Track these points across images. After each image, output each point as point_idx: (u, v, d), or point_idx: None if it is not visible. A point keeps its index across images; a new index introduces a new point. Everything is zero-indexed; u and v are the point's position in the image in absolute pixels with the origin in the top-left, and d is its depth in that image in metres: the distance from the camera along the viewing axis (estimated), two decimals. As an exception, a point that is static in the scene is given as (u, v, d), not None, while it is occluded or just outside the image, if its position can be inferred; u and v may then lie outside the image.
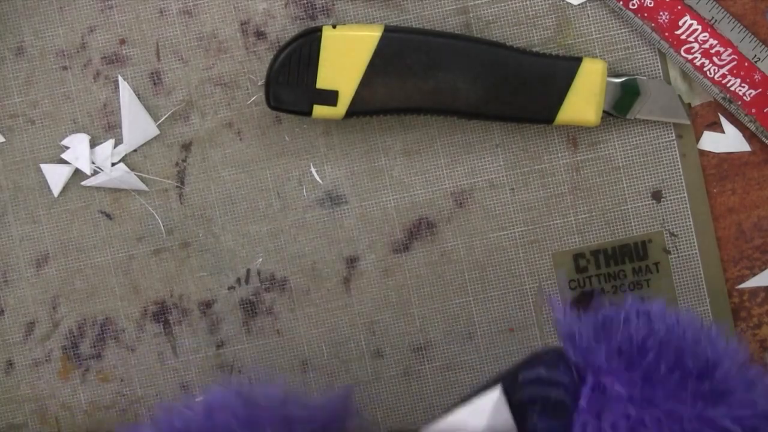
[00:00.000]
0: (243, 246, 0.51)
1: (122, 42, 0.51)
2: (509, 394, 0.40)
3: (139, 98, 0.51)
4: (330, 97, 0.48)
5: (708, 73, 0.49)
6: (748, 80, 0.49)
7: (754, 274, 0.51)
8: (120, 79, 0.51)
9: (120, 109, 0.51)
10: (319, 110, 0.48)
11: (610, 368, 0.39)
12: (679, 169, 0.51)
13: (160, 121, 0.51)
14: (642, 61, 0.50)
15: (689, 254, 0.51)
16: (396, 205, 0.51)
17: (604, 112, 0.49)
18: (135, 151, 0.51)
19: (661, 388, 0.39)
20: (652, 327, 0.40)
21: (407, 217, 0.51)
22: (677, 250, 0.51)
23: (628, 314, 0.41)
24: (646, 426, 0.38)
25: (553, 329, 0.51)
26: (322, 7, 0.50)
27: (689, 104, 0.51)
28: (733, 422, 0.38)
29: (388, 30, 0.48)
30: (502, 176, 0.51)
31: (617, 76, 0.49)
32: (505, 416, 0.39)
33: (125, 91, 0.51)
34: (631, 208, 0.51)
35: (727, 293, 0.51)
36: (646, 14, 0.49)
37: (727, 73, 0.49)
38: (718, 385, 0.39)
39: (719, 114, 0.51)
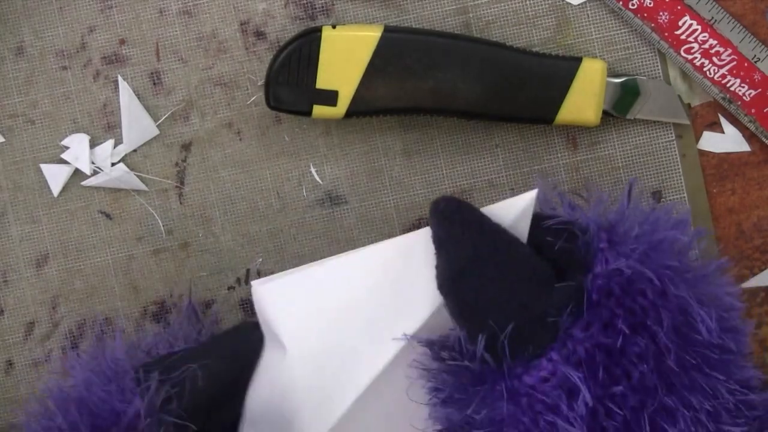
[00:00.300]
0: (243, 246, 0.51)
1: (122, 42, 0.51)
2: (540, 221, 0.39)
3: (139, 98, 0.51)
4: (330, 97, 0.48)
5: (708, 73, 0.49)
6: (747, 80, 0.49)
7: (754, 274, 0.51)
8: (120, 79, 0.51)
9: (120, 109, 0.51)
10: (319, 110, 0.48)
11: (620, 235, 0.38)
12: (678, 169, 0.51)
13: (159, 121, 0.51)
14: (642, 61, 0.50)
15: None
16: (396, 205, 0.51)
17: (603, 112, 0.49)
18: (135, 151, 0.51)
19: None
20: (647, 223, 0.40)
21: (407, 217, 0.51)
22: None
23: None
24: (647, 296, 0.37)
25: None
26: (322, 7, 0.50)
27: (689, 104, 0.51)
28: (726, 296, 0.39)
29: (388, 30, 0.48)
30: (502, 176, 0.51)
31: (617, 76, 0.49)
32: (525, 223, 0.39)
33: (125, 91, 0.51)
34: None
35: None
36: (645, 14, 0.49)
37: (726, 73, 0.49)
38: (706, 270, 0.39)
39: (719, 114, 0.51)
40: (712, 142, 0.51)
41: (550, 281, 0.37)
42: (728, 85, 0.49)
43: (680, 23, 0.49)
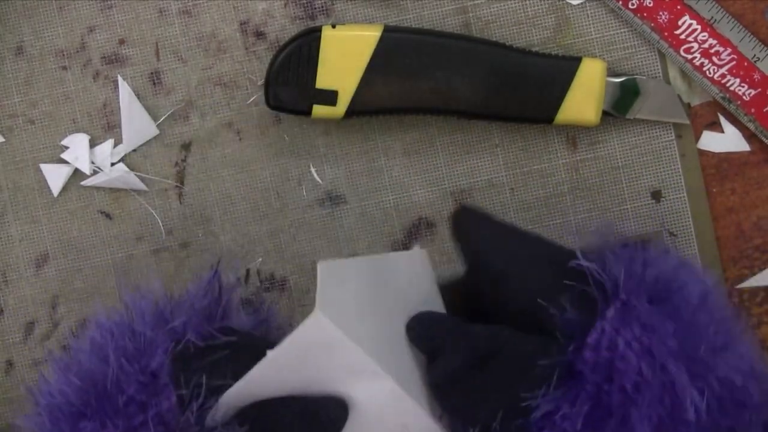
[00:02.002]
0: (243, 246, 0.51)
1: (122, 42, 0.51)
2: (554, 269, 0.39)
3: (138, 98, 0.51)
4: (329, 97, 0.48)
5: (707, 72, 0.49)
6: (747, 80, 0.49)
7: (754, 274, 0.51)
8: (120, 79, 0.51)
9: (119, 109, 0.51)
10: (319, 110, 0.48)
11: (638, 292, 0.38)
12: (678, 168, 0.51)
13: (159, 121, 0.51)
14: (641, 61, 0.50)
15: (689, 254, 0.51)
16: (396, 204, 0.51)
17: (603, 111, 0.49)
18: (134, 151, 0.51)
19: (679, 331, 0.38)
20: (678, 274, 0.40)
21: (407, 217, 0.51)
22: (677, 249, 0.51)
23: (656, 258, 0.41)
24: (653, 356, 0.38)
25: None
26: (322, 7, 0.50)
27: (689, 104, 0.51)
28: (732, 371, 0.39)
29: (388, 30, 0.48)
30: (502, 176, 0.51)
31: (617, 75, 0.49)
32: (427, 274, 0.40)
33: (125, 91, 0.51)
34: (631, 207, 0.51)
35: (726, 293, 0.51)
36: (645, 14, 0.49)
37: (726, 72, 0.49)
38: (724, 338, 0.39)
39: (719, 114, 0.51)
40: (712, 141, 0.51)
41: (538, 378, 0.38)
42: (728, 84, 0.49)
43: (680, 23, 0.49)
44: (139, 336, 0.40)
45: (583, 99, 0.48)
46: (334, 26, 0.48)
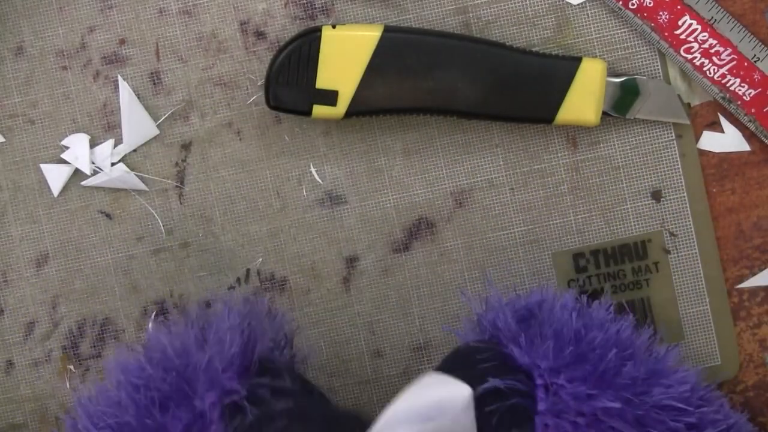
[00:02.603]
0: (243, 246, 0.51)
1: (122, 42, 0.51)
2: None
3: (138, 98, 0.51)
4: (330, 97, 0.48)
5: (707, 72, 0.49)
6: (747, 80, 0.49)
7: (754, 274, 0.51)
8: (120, 79, 0.51)
9: (120, 109, 0.51)
10: (319, 110, 0.48)
11: (558, 367, 0.39)
12: (678, 168, 0.51)
13: (159, 121, 0.51)
14: (641, 61, 0.50)
15: (689, 254, 0.51)
16: (396, 204, 0.51)
17: (603, 112, 0.49)
18: (135, 151, 0.51)
19: (608, 380, 0.39)
20: (586, 322, 0.41)
21: (407, 217, 0.51)
22: (677, 249, 0.51)
23: (559, 311, 0.42)
24: (600, 420, 0.38)
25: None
26: (322, 6, 0.50)
27: (689, 104, 0.51)
28: (674, 400, 0.39)
29: (388, 30, 0.48)
30: (502, 176, 0.51)
31: (617, 75, 0.50)
32: (469, 420, 0.37)
33: (125, 91, 0.51)
34: (631, 207, 0.51)
35: (726, 293, 0.51)
36: (645, 14, 0.49)
37: (726, 72, 0.49)
38: (653, 368, 0.40)
39: (719, 114, 0.51)
40: (712, 141, 0.51)
41: None
42: (728, 84, 0.49)
43: (680, 23, 0.49)
44: (187, 400, 0.37)
45: (583, 99, 0.48)
46: (334, 26, 0.48)
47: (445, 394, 0.37)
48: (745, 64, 0.49)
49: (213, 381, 0.37)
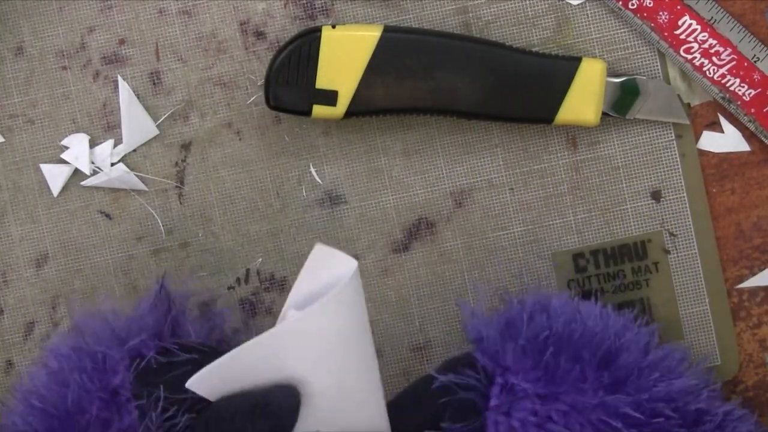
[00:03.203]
0: (242, 246, 0.51)
1: (122, 42, 0.51)
2: (423, 403, 0.42)
3: (138, 98, 0.51)
4: (329, 97, 0.48)
5: (707, 72, 0.49)
6: (747, 80, 0.49)
7: (754, 274, 0.51)
8: (119, 79, 0.51)
9: (119, 109, 0.51)
10: (319, 110, 0.48)
11: (516, 367, 0.41)
12: (678, 168, 0.51)
13: (159, 121, 0.51)
14: (641, 61, 0.50)
15: (688, 254, 0.51)
16: (395, 205, 0.51)
17: (603, 112, 0.49)
18: (134, 151, 0.51)
19: (564, 382, 0.40)
20: (551, 323, 0.42)
21: (407, 217, 0.51)
22: (677, 249, 0.51)
23: (531, 312, 0.43)
24: (553, 420, 0.39)
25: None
26: (322, 7, 0.50)
27: (689, 104, 0.51)
28: (632, 407, 0.40)
29: (388, 30, 0.48)
30: (502, 176, 0.51)
31: (617, 75, 0.49)
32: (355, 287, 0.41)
33: (125, 91, 0.51)
34: (631, 207, 0.51)
35: (726, 293, 0.51)
36: (645, 14, 0.49)
37: (726, 72, 0.49)
38: (618, 373, 0.41)
39: (719, 114, 0.51)
40: (712, 141, 0.51)
41: None
42: (728, 84, 0.49)
43: (680, 23, 0.49)
44: (97, 356, 0.42)
45: (583, 99, 0.48)
46: (334, 26, 0.48)
47: (334, 272, 0.41)
48: (745, 64, 0.49)
49: (121, 340, 0.42)
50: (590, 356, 0.41)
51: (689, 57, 0.49)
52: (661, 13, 0.49)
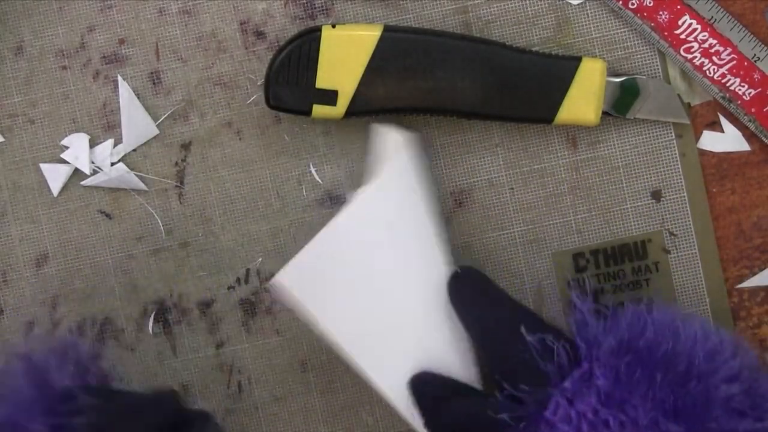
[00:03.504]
0: (242, 246, 0.51)
1: (122, 42, 0.51)
2: (509, 342, 0.42)
3: (138, 98, 0.51)
4: (329, 97, 0.48)
5: (707, 72, 0.49)
6: (747, 80, 0.49)
7: (754, 274, 0.51)
8: (119, 78, 0.51)
9: (119, 108, 0.51)
10: (319, 110, 0.48)
11: (604, 361, 0.40)
12: (678, 168, 0.51)
13: (159, 121, 0.51)
14: (641, 61, 0.50)
15: (689, 254, 0.51)
16: (395, 204, 0.51)
17: (603, 111, 0.49)
18: (134, 150, 0.51)
19: (636, 394, 0.39)
20: (647, 332, 0.41)
21: (407, 217, 0.51)
22: (677, 249, 0.51)
23: (633, 317, 0.42)
24: (609, 426, 0.39)
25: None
26: (322, 6, 0.50)
27: (689, 104, 0.51)
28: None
29: (388, 30, 0.48)
30: (502, 176, 0.51)
31: (617, 75, 0.49)
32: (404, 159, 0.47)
33: (124, 91, 0.51)
34: (631, 207, 0.51)
35: (726, 293, 0.51)
36: (645, 14, 0.49)
37: (726, 72, 0.49)
38: (685, 400, 0.40)
39: (719, 113, 0.51)
40: (712, 141, 0.51)
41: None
42: (728, 84, 0.49)
43: (680, 23, 0.49)
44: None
45: (583, 99, 0.48)
46: (334, 26, 0.48)
47: (387, 145, 0.47)
48: (745, 63, 0.49)
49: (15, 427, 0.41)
50: (662, 377, 0.40)
51: (689, 56, 0.49)
52: (661, 12, 0.49)
